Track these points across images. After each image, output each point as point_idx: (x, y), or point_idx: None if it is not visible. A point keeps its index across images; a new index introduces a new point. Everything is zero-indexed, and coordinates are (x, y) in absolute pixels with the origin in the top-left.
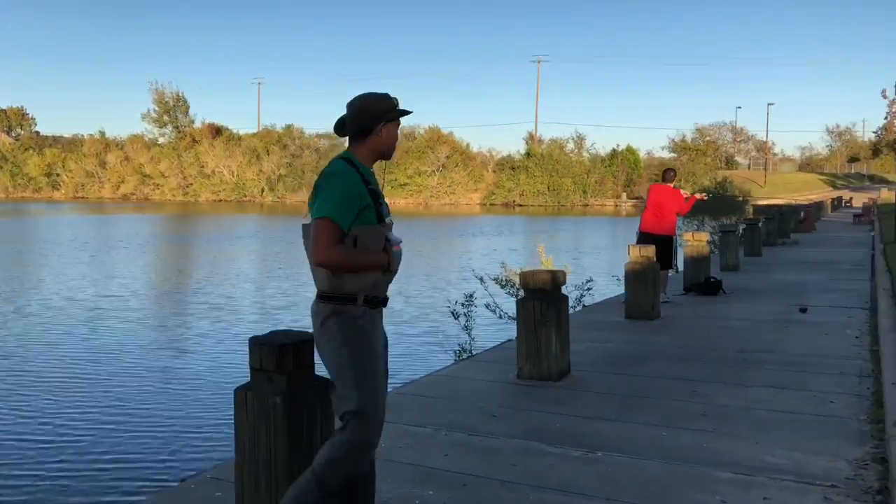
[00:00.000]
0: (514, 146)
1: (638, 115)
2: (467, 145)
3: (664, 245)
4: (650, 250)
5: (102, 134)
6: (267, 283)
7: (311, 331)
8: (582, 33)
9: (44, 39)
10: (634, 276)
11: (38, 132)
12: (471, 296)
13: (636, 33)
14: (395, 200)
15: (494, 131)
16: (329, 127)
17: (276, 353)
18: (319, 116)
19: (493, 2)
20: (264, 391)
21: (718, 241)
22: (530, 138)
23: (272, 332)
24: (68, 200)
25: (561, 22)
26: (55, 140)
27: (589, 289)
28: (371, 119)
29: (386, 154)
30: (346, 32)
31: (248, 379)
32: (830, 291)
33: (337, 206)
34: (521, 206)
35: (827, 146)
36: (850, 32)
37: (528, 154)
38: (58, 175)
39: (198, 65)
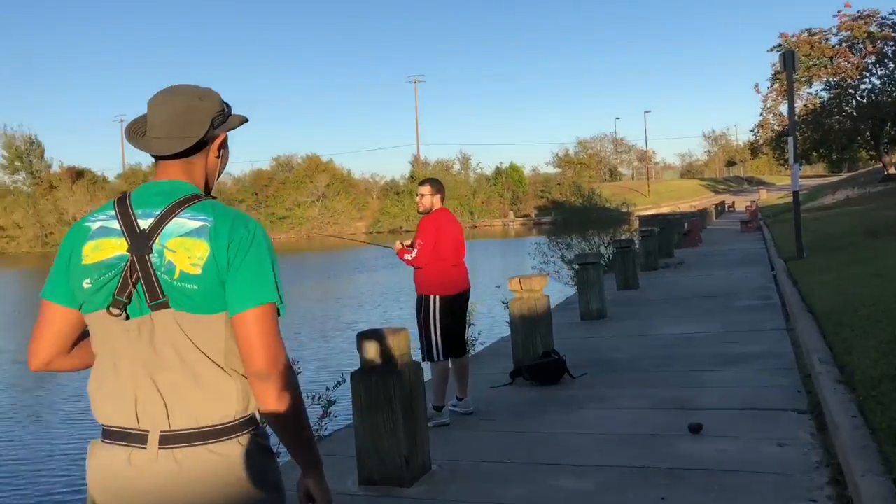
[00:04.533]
0: (399, 170)
1: (521, 132)
2: (348, 172)
3: (464, 307)
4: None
5: None
6: None
7: None
8: (456, 52)
9: None
10: (365, 413)
11: None
12: None
13: (509, 50)
14: (275, 235)
15: (378, 156)
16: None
17: None
18: None
19: (359, 20)
20: None
21: (576, 276)
22: (415, 161)
23: None
24: None
25: (434, 41)
26: None
27: None
28: (211, 126)
29: (210, 184)
30: (207, 60)
31: None
32: (732, 363)
33: (279, 285)
34: (408, 231)
35: (705, 151)
36: (718, 38)
37: (412, 177)
38: None
39: (52, 105)
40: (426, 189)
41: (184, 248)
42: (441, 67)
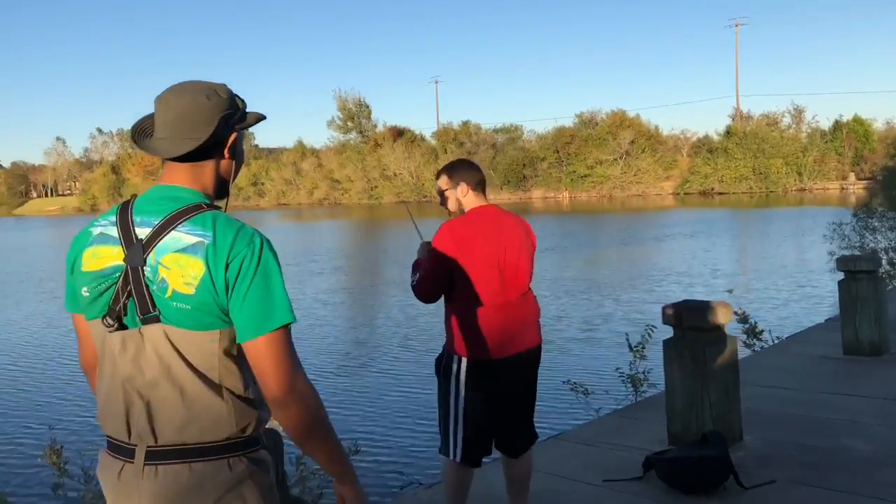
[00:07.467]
0: (714, 125)
1: (870, 78)
2: (656, 128)
3: (521, 379)
4: None
5: (301, 143)
6: None
7: None
8: None
9: (249, 58)
10: None
11: (256, 146)
12: None
13: None
14: (576, 194)
15: (690, 110)
16: (508, 119)
17: None
18: (496, 110)
19: None
20: None
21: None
22: (735, 114)
23: None
24: (272, 208)
25: None
26: (270, 152)
27: None
28: (224, 127)
29: (225, 187)
30: (514, 21)
31: None
32: None
33: (288, 302)
34: (721, 194)
35: None
36: None
37: (727, 133)
38: (262, 184)
39: (378, 69)
40: (443, 181)
41: (178, 265)
42: (767, 6)
